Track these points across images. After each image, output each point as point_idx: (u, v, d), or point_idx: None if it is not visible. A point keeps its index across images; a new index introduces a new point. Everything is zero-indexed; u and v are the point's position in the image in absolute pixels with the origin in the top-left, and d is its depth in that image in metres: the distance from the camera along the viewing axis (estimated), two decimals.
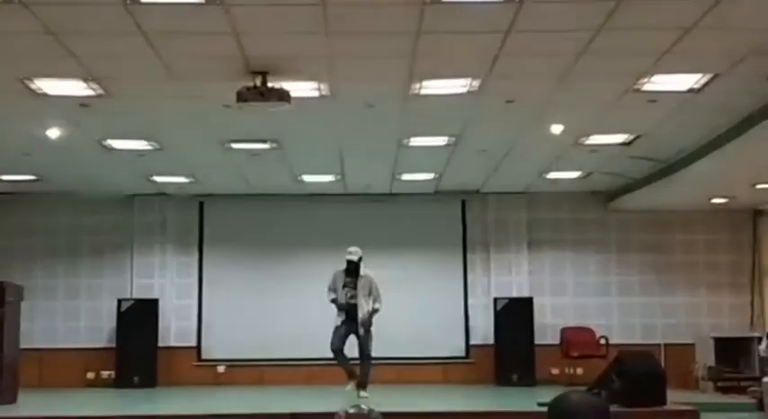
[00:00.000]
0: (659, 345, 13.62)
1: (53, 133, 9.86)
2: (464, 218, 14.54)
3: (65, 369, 13.48)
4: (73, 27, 6.71)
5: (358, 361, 10.56)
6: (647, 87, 8.39)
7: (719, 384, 12.65)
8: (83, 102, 8.76)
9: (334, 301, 10.59)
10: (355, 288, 10.54)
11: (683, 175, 11.28)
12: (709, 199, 13.13)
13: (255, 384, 13.37)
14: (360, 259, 10.66)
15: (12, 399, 10.09)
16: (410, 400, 10.90)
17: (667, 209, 13.96)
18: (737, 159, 10.20)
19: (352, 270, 10.60)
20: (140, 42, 6.96)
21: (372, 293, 10.59)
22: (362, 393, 10.32)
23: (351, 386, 10.43)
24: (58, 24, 6.61)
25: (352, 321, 10.47)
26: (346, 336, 10.52)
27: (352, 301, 10.51)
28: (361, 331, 10.45)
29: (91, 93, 8.41)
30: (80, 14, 6.46)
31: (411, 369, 13.70)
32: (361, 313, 10.48)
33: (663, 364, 11.65)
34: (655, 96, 8.69)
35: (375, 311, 10.54)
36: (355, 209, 14.30)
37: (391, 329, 13.74)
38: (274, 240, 14.24)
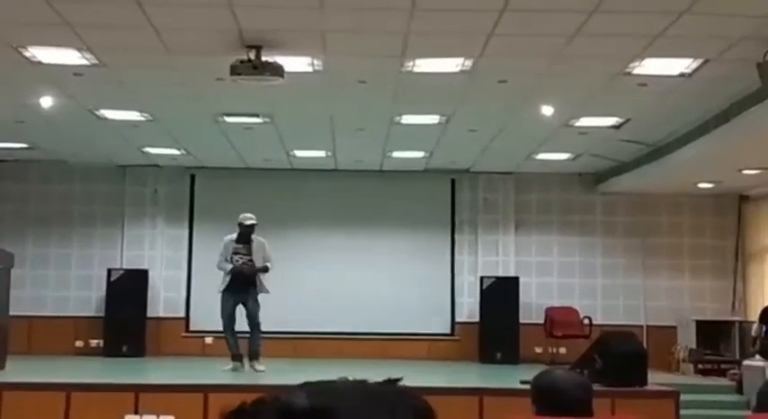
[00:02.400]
0: (642, 327, 13.77)
1: (46, 101, 9.88)
2: (453, 196, 14.63)
3: (54, 336, 13.55)
4: None
5: (248, 334, 10.57)
6: (638, 71, 8.46)
7: (700, 366, 12.81)
8: (77, 72, 8.78)
9: (224, 269, 10.50)
10: (249, 253, 10.52)
11: (671, 159, 11.38)
12: (696, 183, 13.23)
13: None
14: (255, 225, 10.63)
15: (0, 365, 10.16)
16: (395, 375, 11.02)
17: (654, 192, 14.07)
18: (725, 144, 10.29)
19: (247, 236, 10.58)
20: (136, 13, 6.99)
21: (266, 257, 10.55)
22: (258, 366, 10.37)
23: (231, 366, 10.45)
24: None
25: (241, 290, 10.42)
26: (235, 307, 10.52)
27: (245, 267, 10.46)
28: (250, 300, 10.42)
29: (85, 62, 8.43)
30: None
31: (396, 345, 13.82)
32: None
33: (645, 345, 11.80)
34: (645, 80, 8.77)
35: (266, 269, 10.49)
36: (346, 185, 14.37)
37: (378, 304, 13.92)
38: (264, 214, 14.15)
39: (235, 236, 10.65)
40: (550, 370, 3.60)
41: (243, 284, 10.46)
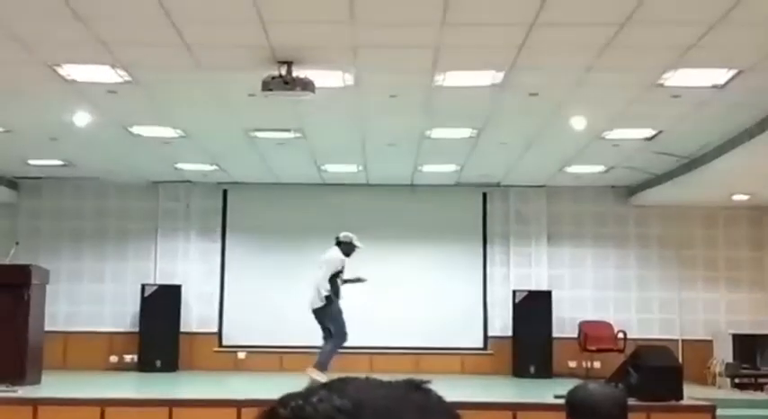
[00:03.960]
0: (677, 341, 13.62)
1: (81, 119, 9.99)
2: (485, 210, 14.60)
3: (88, 351, 13.67)
4: (102, 13, 6.80)
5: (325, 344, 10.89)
6: (671, 82, 8.39)
7: (737, 380, 12.65)
8: (110, 89, 8.87)
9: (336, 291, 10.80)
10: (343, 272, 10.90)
11: (705, 171, 11.27)
12: (731, 195, 13.10)
13: (276, 370, 13.48)
14: None
15: (36, 380, 10.25)
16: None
17: (688, 204, 13.96)
18: (760, 156, 10.19)
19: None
20: (168, 30, 7.05)
21: None
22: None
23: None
24: (87, 11, 6.71)
25: None
26: None
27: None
28: None
29: (118, 79, 8.51)
30: (109, 1, 6.56)
31: (429, 359, 13.78)
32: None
33: (680, 359, 11.68)
34: (678, 91, 8.69)
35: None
36: (377, 199, 14.39)
37: (410, 319, 13.89)
38: (296, 229, 14.36)
39: (342, 255, 10.85)
40: (585, 384, 3.56)
41: None
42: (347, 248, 10.87)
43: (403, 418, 1.03)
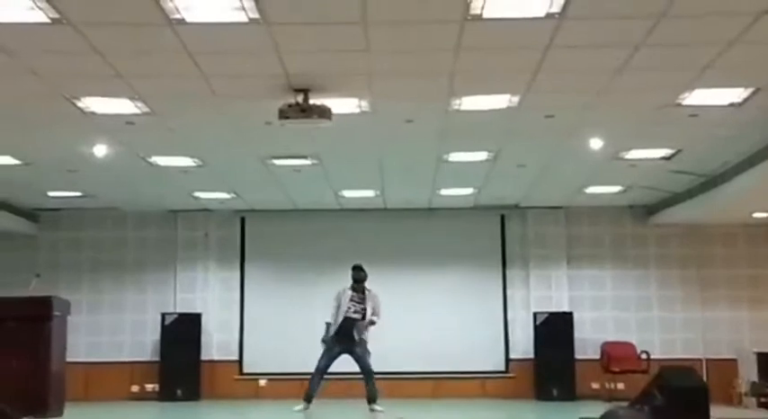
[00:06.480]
0: (701, 360, 13.50)
1: (99, 150, 10.05)
2: (503, 232, 14.56)
3: (110, 382, 13.69)
4: (120, 47, 6.84)
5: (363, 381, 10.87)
6: (688, 102, 8.37)
7: (763, 400, 12.50)
8: (129, 120, 8.92)
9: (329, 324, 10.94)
10: (363, 302, 10.97)
11: (725, 190, 11.22)
12: (751, 213, 13.02)
13: (297, 397, 13.37)
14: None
15: (58, 412, 10.24)
16: (449, 414, 10.89)
17: (708, 223, 13.87)
18: None
19: (360, 284, 11.13)
20: (185, 61, 7.10)
21: (376, 310, 11.00)
22: (377, 407, 10.58)
23: (302, 406, 10.72)
24: (105, 44, 6.76)
25: (350, 338, 10.78)
26: (339, 356, 10.91)
27: (356, 316, 10.87)
28: (358, 349, 10.76)
29: (137, 111, 8.57)
30: (127, 34, 6.60)
31: (450, 384, 13.71)
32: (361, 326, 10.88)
33: (705, 379, 11.56)
34: (695, 111, 8.66)
35: (372, 322, 10.93)
36: (395, 223, 14.38)
37: (431, 343, 13.84)
38: (315, 255, 14.37)
39: (348, 285, 11.08)
40: (614, 412, 3.54)
41: (350, 333, 10.82)
42: (353, 278, 11.15)
43: None
